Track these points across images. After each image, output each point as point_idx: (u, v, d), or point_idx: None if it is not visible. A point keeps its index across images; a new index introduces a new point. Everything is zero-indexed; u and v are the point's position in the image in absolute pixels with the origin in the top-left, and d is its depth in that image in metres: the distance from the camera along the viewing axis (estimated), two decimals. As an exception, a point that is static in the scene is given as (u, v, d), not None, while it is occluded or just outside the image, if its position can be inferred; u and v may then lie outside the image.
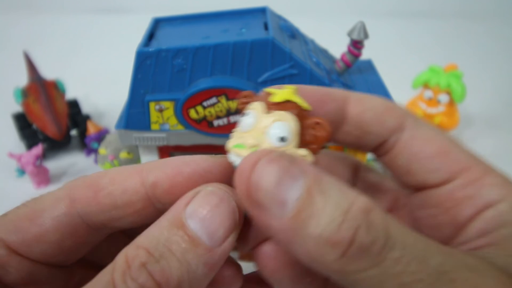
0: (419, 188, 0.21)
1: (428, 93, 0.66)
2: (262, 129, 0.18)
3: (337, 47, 0.50)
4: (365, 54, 0.40)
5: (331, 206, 0.14)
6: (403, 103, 0.71)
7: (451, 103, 0.66)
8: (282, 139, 0.17)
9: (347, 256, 0.14)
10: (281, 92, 0.18)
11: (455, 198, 0.19)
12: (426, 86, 0.67)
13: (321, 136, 0.18)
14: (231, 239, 0.18)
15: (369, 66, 0.45)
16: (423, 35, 1.14)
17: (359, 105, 0.21)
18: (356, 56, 0.38)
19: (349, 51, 0.38)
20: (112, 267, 0.17)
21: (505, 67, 0.94)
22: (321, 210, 0.14)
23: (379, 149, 0.22)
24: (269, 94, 0.18)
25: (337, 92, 0.22)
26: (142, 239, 0.17)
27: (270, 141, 0.18)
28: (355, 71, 0.42)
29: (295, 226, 0.15)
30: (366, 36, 0.36)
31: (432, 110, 0.66)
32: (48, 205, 0.20)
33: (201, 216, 0.17)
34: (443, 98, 0.65)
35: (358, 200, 0.15)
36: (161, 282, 0.16)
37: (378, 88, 0.40)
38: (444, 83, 0.64)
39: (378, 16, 1.15)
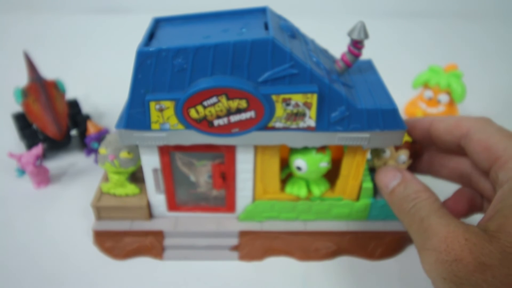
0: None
1: (428, 93, 0.66)
2: (396, 157, 0.42)
3: (337, 47, 0.50)
4: (365, 54, 0.40)
5: (405, 191, 0.36)
6: (403, 103, 0.71)
7: (451, 103, 0.66)
8: (404, 162, 0.42)
9: (392, 197, 0.38)
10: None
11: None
12: (426, 86, 0.67)
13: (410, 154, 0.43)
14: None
15: (369, 66, 0.45)
16: (423, 35, 1.14)
17: (436, 125, 0.39)
18: (356, 56, 0.38)
19: (349, 51, 0.38)
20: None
21: (504, 67, 0.94)
22: (400, 191, 0.37)
23: (460, 148, 0.38)
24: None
25: (423, 120, 0.41)
26: None
27: (398, 161, 0.42)
28: (355, 71, 0.42)
29: (390, 196, 0.38)
30: (366, 36, 0.36)
31: (432, 110, 0.66)
32: None
33: None
34: (443, 98, 0.65)
35: (416, 189, 0.36)
36: None
37: (378, 88, 0.40)
38: (444, 83, 0.64)
39: (378, 16, 1.15)
